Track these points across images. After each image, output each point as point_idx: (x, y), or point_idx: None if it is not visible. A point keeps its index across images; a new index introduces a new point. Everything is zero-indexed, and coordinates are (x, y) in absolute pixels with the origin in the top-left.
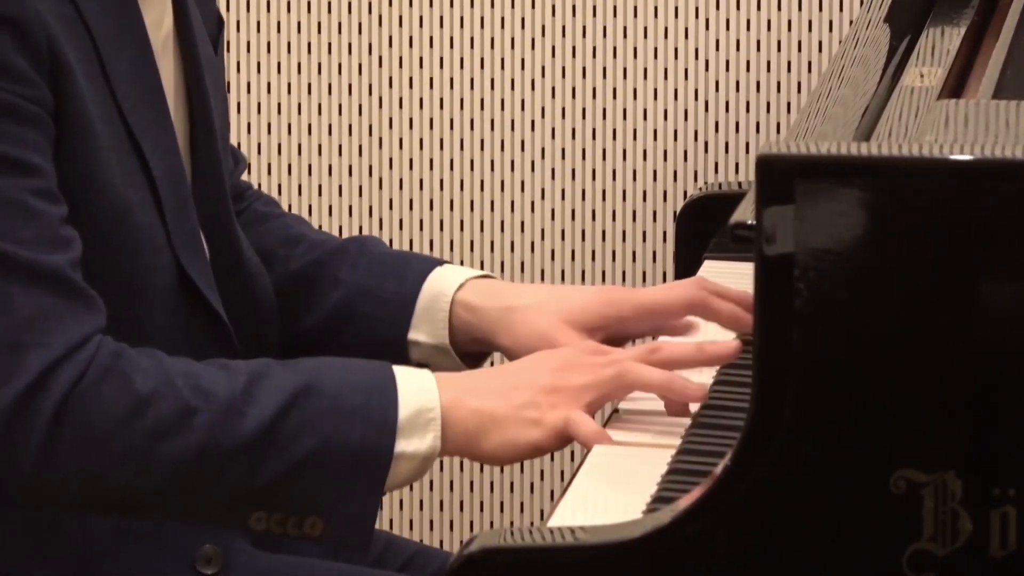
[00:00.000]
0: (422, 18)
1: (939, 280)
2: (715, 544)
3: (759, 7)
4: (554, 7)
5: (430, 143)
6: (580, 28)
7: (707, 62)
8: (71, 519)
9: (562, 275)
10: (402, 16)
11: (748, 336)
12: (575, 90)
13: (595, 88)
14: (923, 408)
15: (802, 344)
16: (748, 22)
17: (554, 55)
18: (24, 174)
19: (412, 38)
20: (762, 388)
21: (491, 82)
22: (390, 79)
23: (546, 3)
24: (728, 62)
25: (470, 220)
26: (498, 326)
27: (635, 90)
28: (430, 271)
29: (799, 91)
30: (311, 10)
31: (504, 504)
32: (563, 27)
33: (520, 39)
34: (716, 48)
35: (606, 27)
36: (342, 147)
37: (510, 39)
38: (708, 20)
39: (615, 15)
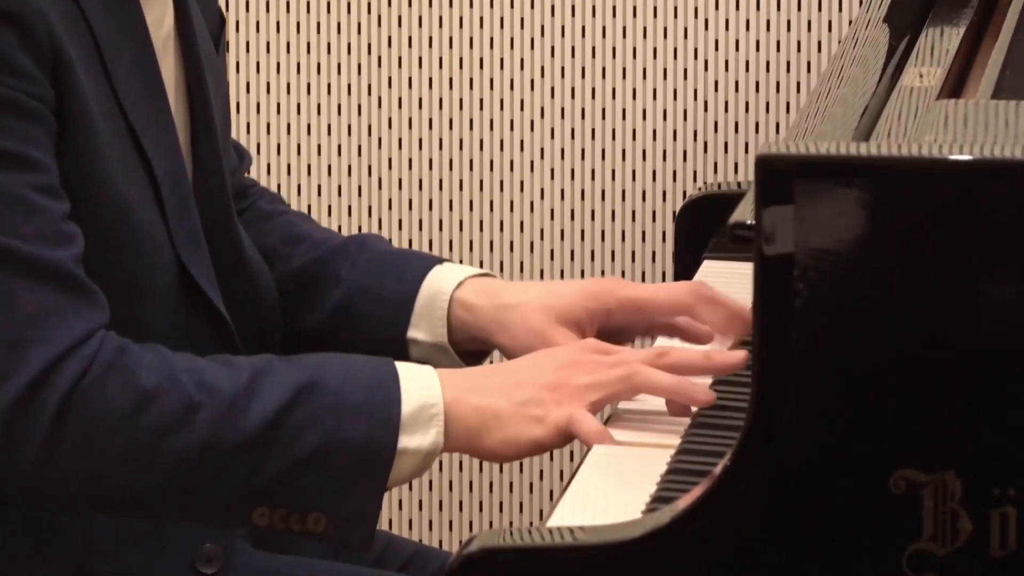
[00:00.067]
0: (421, 18)
1: (939, 280)
2: (715, 544)
3: (758, 7)
4: (553, 7)
5: (429, 143)
6: (579, 28)
7: (706, 62)
8: (71, 519)
9: (561, 275)
10: (401, 16)
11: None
12: (574, 90)
13: (594, 88)
14: (923, 408)
15: (802, 344)
16: (747, 22)
17: (553, 55)
18: (26, 170)
19: (411, 38)
20: (762, 388)
21: (490, 82)
22: (389, 79)
23: (545, 3)
24: (727, 62)
25: (469, 220)
26: (494, 325)
27: (634, 90)
28: (429, 269)
29: (798, 91)
30: (310, 10)
31: (503, 504)
32: (562, 27)
33: (519, 39)
34: (715, 48)
35: (605, 27)
36: (341, 147)
37: (509, 39)
38: (707, 20)
39: (614, 15)
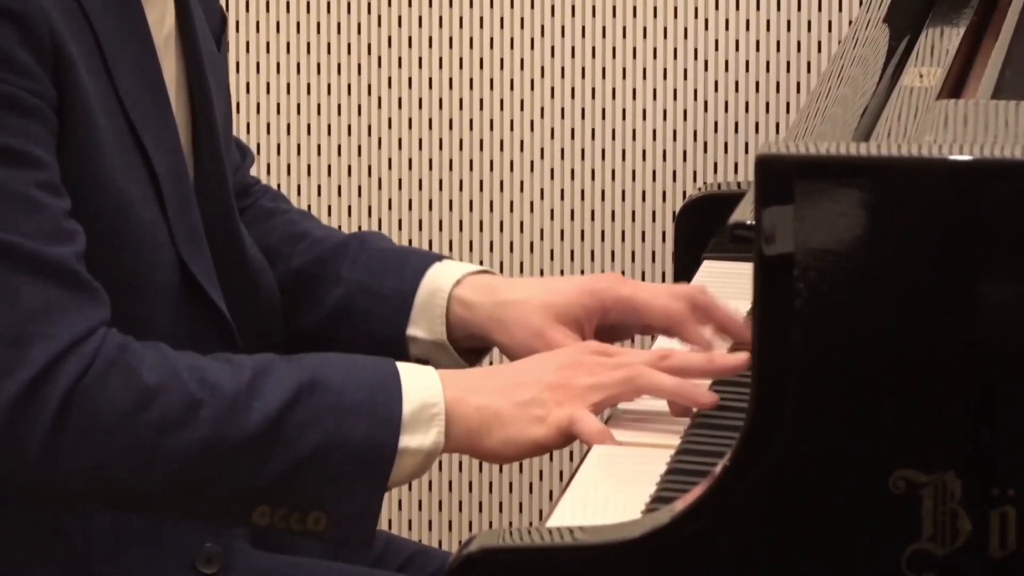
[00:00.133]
0: (421, 18)
1: (938, 280)
2: (714, 544)
3: (758, 7)
4: (553, 7)
5: (429, 143)
6: (579, 28)
7: (706, 62)
8: (71, 519)
9: (561, 275)
10: (401, 16)
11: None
12: (574, 90)
13: (594, 88)
14: (922, 408)
15: (801, 344)
16: (747, 22)
17: (553, 55)
18: (27, 166)
19: (411, 38)
20: (762, 388)
21: (490, 82)
22: (389, 79)
23: (545, 3)
24: (727, 62)
25: (469, 220)
26: (493, 322)
27: (634, 90)
28: (428, 267)
29: (798, 91)
30: (310, 10)
31: (503, 504)
32: (562, 27)
33: (519, 39)
34: (715, 48)
35: (605, 27)
36: (341, 147)
37: (509, 39)
38: (707, 20)
39: (614, 15)
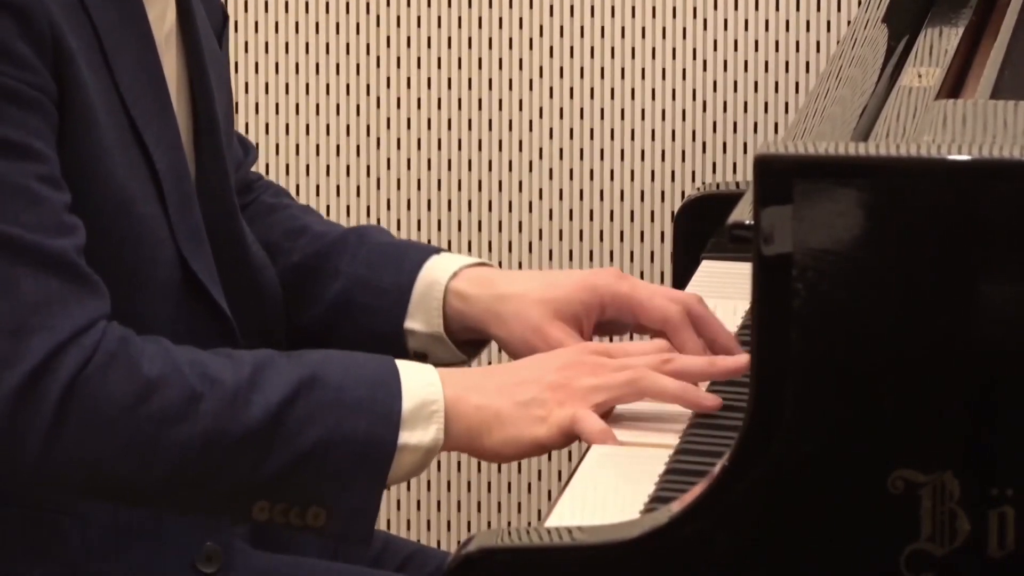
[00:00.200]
0: (419, 18)
1: (937, 280)
2: (713, 544)
3: (757, 7)
4: (552, 7)
5: (427, 143)
6: (578, 28)
7: (705, 62)
8: (71, 519)
9: None
10: (399, 16)
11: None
12: (573, 90)
13: (593, 88)
14: (921, 408)
15: (800, 344)
16: (746, 22)
17: (552, 55)
18: (27, 159)
19: (410, 38)
20: (760, 388)
21: (489, 82)
22: (388, 79)
23: (544, 3)
24: (726, 62)
25: (468, 220)
26: (490, 316)
27: (633, 90)
28: (426, 260)
29: (797, 91)
30: (308, 10)
31: (502, 504)
32: (561, 27)
33: (518, 39)
34: (714, 48)
35: (603, 27)
36: (339, 147)
37: (508, 39)
38: (706, 20)
39: (613, 15)
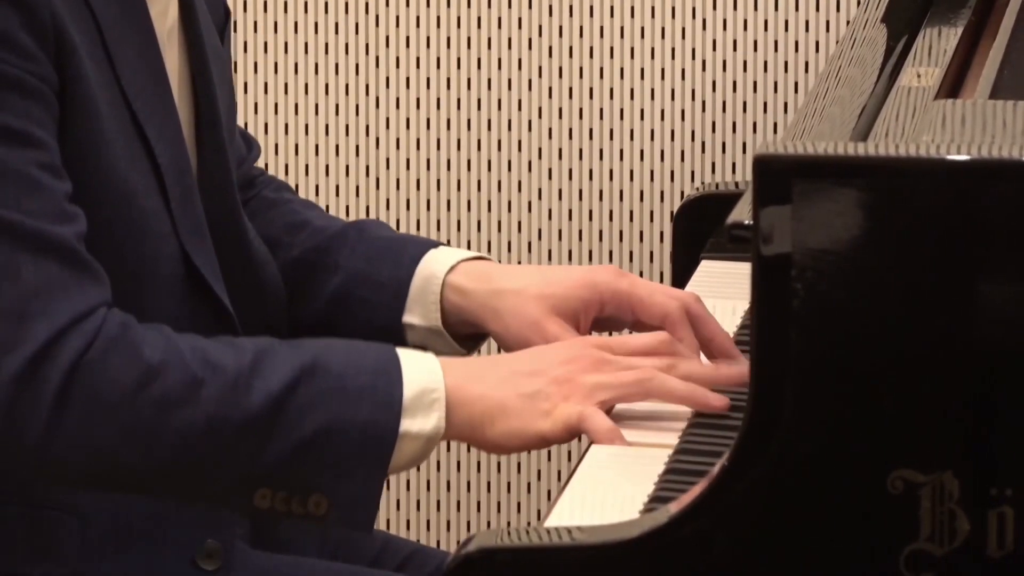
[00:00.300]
0: (418, 18)
1: (936, 280)
2: (712, 544)
3: (756, 7)
4: (551, 7)
5: (427, 143)
6: (577, 28)
7: (704, 62)
8: (72, 517)
9: None
10: (399, 16)
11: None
12: (571, 90)
13: (592, 88)
14: (920, 408)
15: (799, 344)
16: (745, 22)
17: (550, 55)
18: (29, 147)
19: (409, 38)
20: (760, 388)
21: (488, 82)
22: (387, 79)
23: (543, 3)
24: (725, 62)
25: (467, 220)
26: (487, 310)
27: (632, 90)
28: (424, 253)
29: (796, 91)
30: (308, 10)
31: (501, 504)
32: (560, 27)
33: (516, 39)
34: (713, 48)
35: (603, 27)
36: (339, 147)
37: (507, 39)
38: (705, 20)
39: (612, 15)
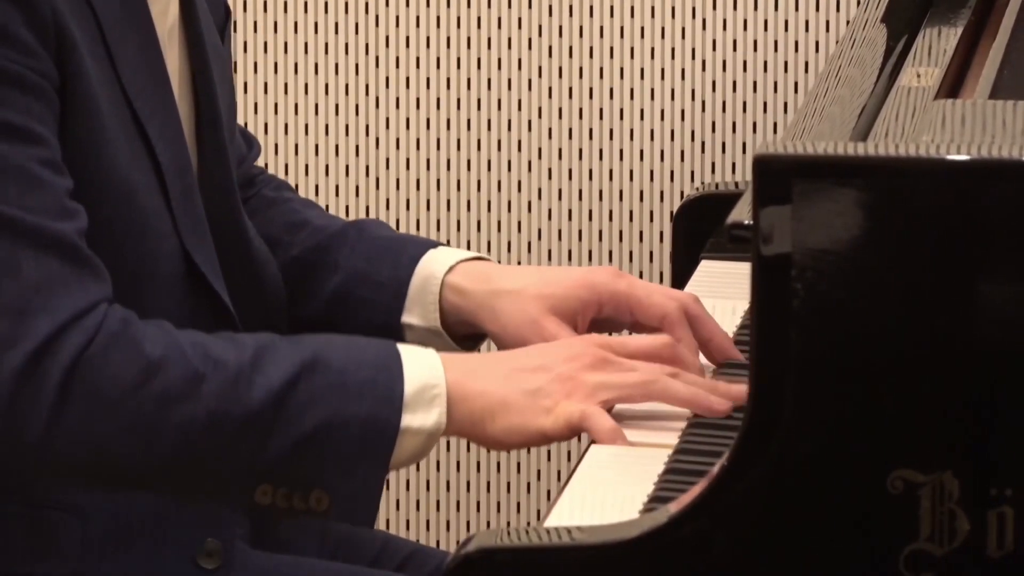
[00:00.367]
0: (418, 18)
1: (936, 280)
2: (712, 544)
3: (756, 7)
4: (550, 7)
5: (427, 143)
6: (576, 28)
7: (704, 62)
8: (72, 515)
9: None
10: (398, 16)
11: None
12: (571, 90)
13: (591, 88)
14: (920, 408)
15: (799, 344)
16: (745, 22)
17: (550, 55)
18: (30, 143)
19: (408, 38)
20: (760, 388)
21: (487, 82)
22: (386, 79)
23: (542, 3)
24: (725, 62)
25: (466, 220)
26: (485, 310)
27: (632, 90)
28: (424, 254)
29: (796, 91)
30: (307, 10)
31: (500, 504)
32: (560, 27)
33: (516, 39)
34: (713, 48)
35: (602, 27)
36: (338, 147)
37: (506, 39)
38: (705, 20)
39: (612, 15)
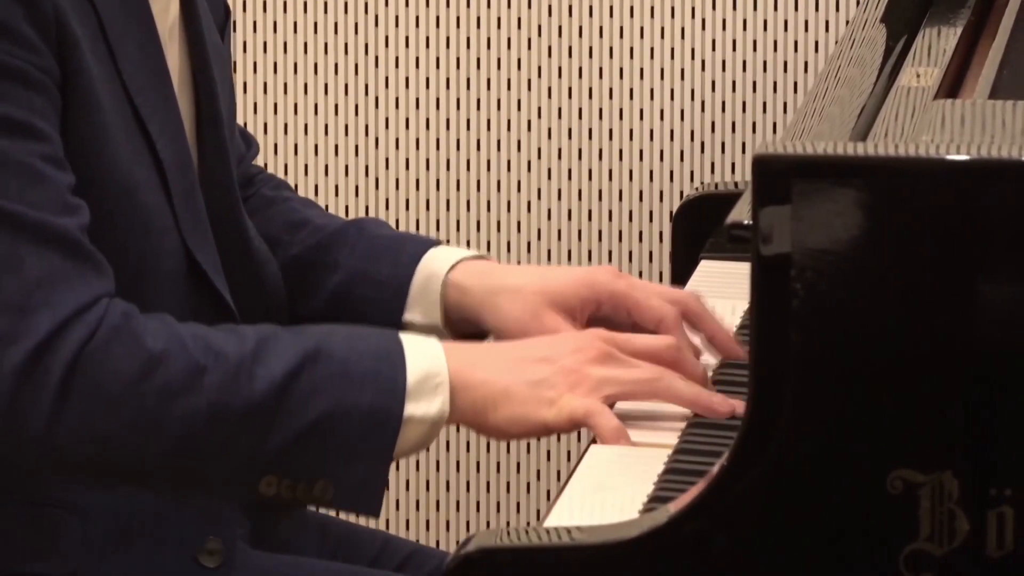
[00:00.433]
0: (418, 18)
1: (936, 280)
2: (712, 544)
3: (755, 7)
4: (550, 7)
5: (426, 143)
6: (576, 28)
7: (703, 62)
8: (72, 513)
9: None
10: (398, 16)
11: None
12: (571, 90)
13: (591, 88)
14: (920, 408)
15: (799, 344)
16: (744, 22)
17: (550, 55)
18: (31, 138)
19: (408, 38)
20: (759, 388)
21: (487, 82)
22: (386, 79)
23: (542, 3)
24: (724, 62)
25: (466, 220)
26: (486, 307)
27: (631, 90)
28: (424, 252)
29: (795, 91)
30: (307, 10)
31: (500, 504)
32: (560, 27)
33: (516, 39)
34: (712, 48)
35: (602, 27)
36: (338, 147)
37: (506, 39)
38: (704, 20)
39: (611, 15)
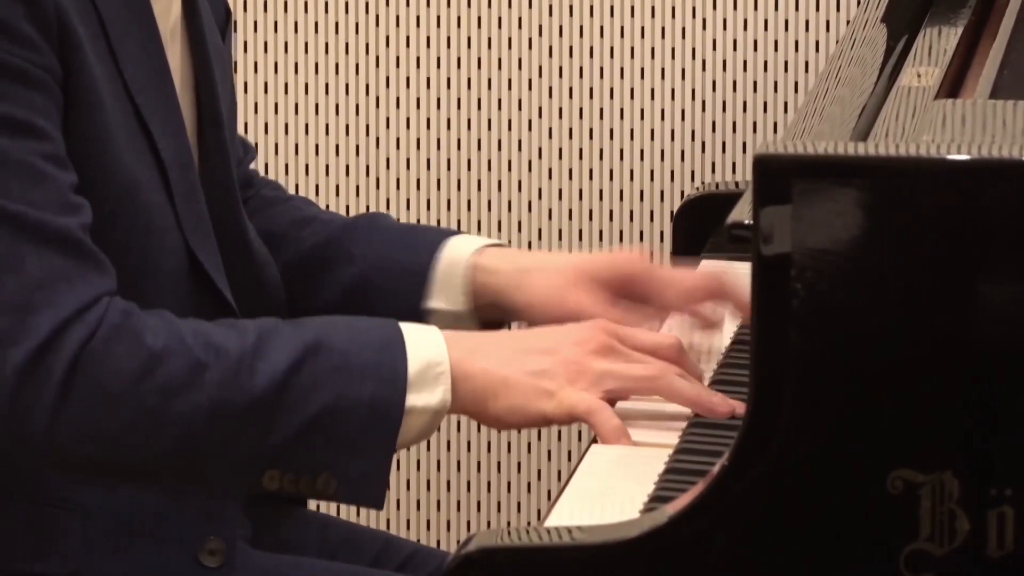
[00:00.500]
0: (418, 18)
1: (936, 280)
2: (712, 544)
3: (756, 7)
4: (551, 7)
5: (427, 143)
6: (577, 28)
7: (704, 62)
8: (73, 513)
9: None
10: (399, 16)
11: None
12: (572, 90)
13: (592, 88)
14: (920, 408)
15: (799, 344)
16: (745, 22)
17: (551, 55)
18: (33, 138)
19: (409, 38)
20: (759, 388)
21: (488, 82)
22: (387, 79)
23: (543, 3)
24: (725, 62)
25: (467, 220)
26: (512, 286)
27: (632, 90)
28: (441, 240)
29: (796, 91)
30: (308, 10)
31: (501, 504)
32: (560, 27)
33: (517, 39)
34: (713, 48)
35: (603, 27)
36: (339, 147)
37: (507, 39)
38: (705, 20)
39: (612, 15)
